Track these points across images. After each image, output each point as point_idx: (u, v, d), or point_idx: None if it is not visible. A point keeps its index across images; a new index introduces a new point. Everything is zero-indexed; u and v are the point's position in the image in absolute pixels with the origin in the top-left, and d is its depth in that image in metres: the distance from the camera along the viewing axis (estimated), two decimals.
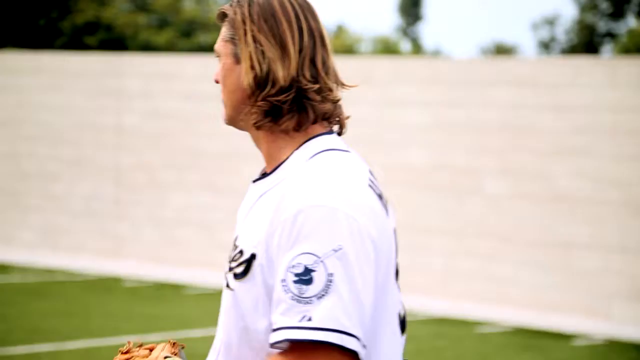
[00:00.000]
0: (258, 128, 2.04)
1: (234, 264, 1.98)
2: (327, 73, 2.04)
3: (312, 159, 2.00)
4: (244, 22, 2.04)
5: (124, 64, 13.88)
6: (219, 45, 2.09)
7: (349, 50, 33.58)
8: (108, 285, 11.69)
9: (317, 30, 2.04)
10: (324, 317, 1.86)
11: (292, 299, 1.87)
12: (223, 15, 2.09)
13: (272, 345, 1.90)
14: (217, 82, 2.10)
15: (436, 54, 39.15)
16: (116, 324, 9.47)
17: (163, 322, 9.58)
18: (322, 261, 1.87)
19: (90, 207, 13.72)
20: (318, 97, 2.02)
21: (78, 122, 13.94)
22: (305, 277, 1.87)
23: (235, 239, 2.02)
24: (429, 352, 8.89)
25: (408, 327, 9.81)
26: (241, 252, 1.97)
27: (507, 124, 11.28)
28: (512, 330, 9.98)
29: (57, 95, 14.17)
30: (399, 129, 11.84)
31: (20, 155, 14.31)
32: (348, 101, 10.51)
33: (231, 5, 2.08)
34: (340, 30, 37.13)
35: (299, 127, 2.03)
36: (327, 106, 2.04)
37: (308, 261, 1.87)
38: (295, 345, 1.87)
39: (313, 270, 1.87)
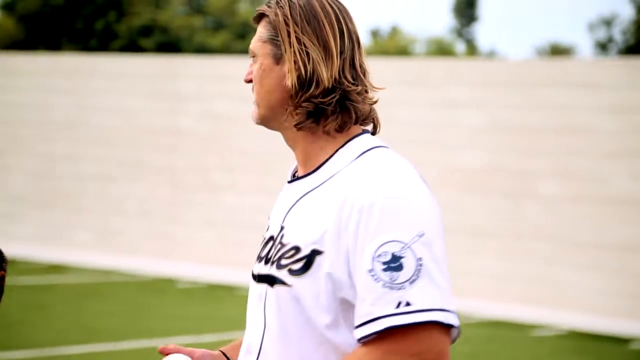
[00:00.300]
0: (299, 129, 2.07)
1: (287, 261, 2.01)
2: (364, 75, 2.09)
3: (363, 155, 2.05)
4: (286, 24, 2.06)
5: (179, 66, 13.96)
6: (255, 46, 2.10)
7: (403, 51, 33.49)
8: (162, 286, 11.76)
9: (355, 33, 2.08)
10: (423, 299, 1.91)
11: (384, 287, 1.91)
12: (260, 17, 2.12)
13: (365, 336, 1.94)
14: (249, 81, 2.11)
15: (491, 55, 38.91)
16: (170, 324, 9.52)
17: (216, 323, 9.62)
18: (409, 247, 1.94)
19: (145, 209, 13.81)
20: (359, 99, 2.08)
21: (134, 124, 14.05)
22: (394, 264, 1.92)
23: (280, 237, 2.05)
24: (483, 355, 8.83)
25: (463, 331, 9.76)
26: (296, 248, 2.00)
27: (563, 126, 11.17)
28: (567, 334, 9.87)
29: (114, 97, 14.29)
30: (453, 131, 11.77)
31: (77, 157, 14.45)
32: (402, 102, 10.48)
33: (269, 7, 2.10)
34: (394, 32, 37.05)
35: (341, 128, 2.07)
36: (366, 107, 2.09)
37: (395, 248, 1.93)
38: (394, 332, 1.91)
39: (402, 257, 1.92)
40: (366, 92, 2.10)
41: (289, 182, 2.12)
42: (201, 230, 13.33)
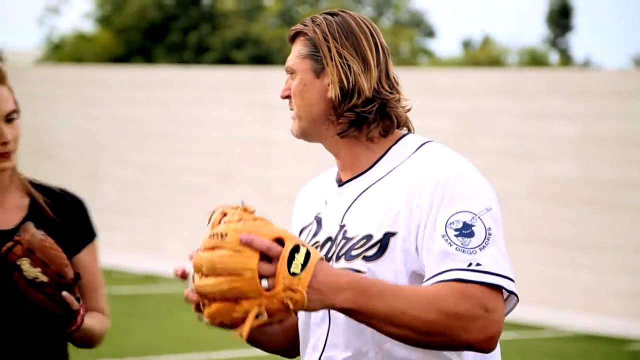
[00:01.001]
0: (343, 137, 2.21)
1: (358, 251, 2.14)
2: (397, 84, 2.23)
3: (421, 148, 2.21)
4: (326, 39, 2.20)
5: (270, 77, 14.03)
6: (294, 62, 2.25)
7: (495, 61, 33.21)
8: None
9: (385, 47, 2.23)
10: (492, 264, 2.06)
11: (457, 250, 2.06)
12: (295, 35, 2.26)
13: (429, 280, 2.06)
14: (286, 97, 2.28)
15: (586, 65, 38.33)
16: None
17: None
18: (479, 217, 2.09)
19: None
20: (397, 106, 2.22)
21: (226, 135, 14.15)
22: (465, 231, 2.07)
23: (342, 234, 2.17)
24: None
25: (558, 344, 9.58)
26: (368, 237, 2.14)
27: None
28: None
29: (206, 108, 14.42)
30: (546, 141, 11.61)
31: (170, 168, 14.61)
32: (494, 112, 10.32)
33: (306, 25, 2.24)
34: (486, 42, 36.77)
35: (385, 133, 2.22)
36: (403, 113, 2.23)
37: (466, 218, 2.08)
38: (464, 284, 2.04)
39: (472, 226, 2.08)
40: (399, 100, 2.23)
41: (339, 185, 2.25)
42: None
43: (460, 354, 2.14)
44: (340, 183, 2.25)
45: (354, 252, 2.15)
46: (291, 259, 1.97)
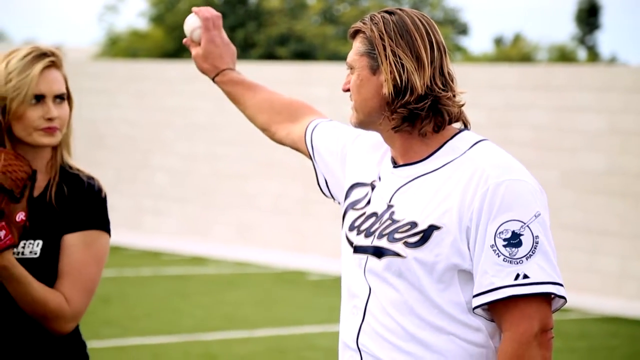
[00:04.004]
0: (396, 132, 2.20)
1: (401, 235, 2.15)
2: (452, 81, 2.21)
3: (476, 146, 2.20)
4: (382, 38, 2.19)
5: (313, 72, 14.01)
6: (352, 59, 2.24)
7: (526, 58, 32.96)
8: (294, 278, 11.80)
9: (442, 44, 2.21)
10: (539, 273, 2.08)
11: (505, 261, 2.07)
12: (355, 33, 2.25)
13: (484, 303, 2.11)
14: (346, 90, 2.27)
15: (612, 61, 37.94)
16: (301, 314, 9.54)
17: None
18: (527, 226, 2.08)
19: (278, 205, 13.90)
20: (450, 103, 2.19)
21: None
22: (514, 240, 2.07)
23: (389, 214, 2.19)
24: (602, 351, 8.59)
25: (584, 326, 9.50)
26: (412, 224, 2.14)
27: None
28: None
29: None
30: (575, 135, 11.50)
31: (217, 157, 14.65)
32: (524, 106, 10.28)
33: (364, 23, 2.23)
34: (517, 39, 36.48)
35: (438, 129, 2.20)
36: (456, 109, 2.21)
37: (515, 227, 2.08)
38: (513, 300, 2.07)
39: (521, 235, 2.08)
40: (454, 96, 2.21)
41: (394, 167, 2.24)
42: (330, 225, 13.34)
43: (494, 338, 2.17)
44: (396, 165, 2.24)
45: (397, 235, 2.16)
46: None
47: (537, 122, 11.67)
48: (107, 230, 2.66)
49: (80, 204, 2.62)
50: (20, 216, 2.50)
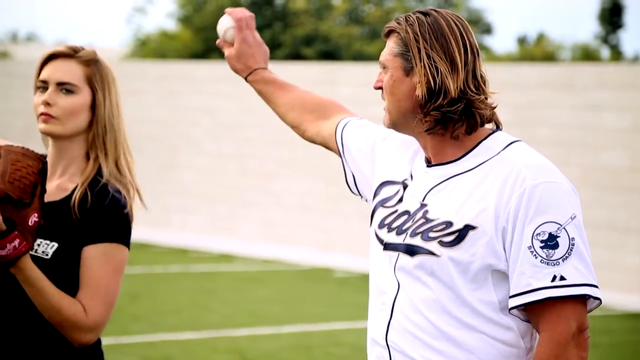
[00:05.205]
0: (429, 134, 2.18)
1: (436, 234, 2.12)
2: (484, 83, 2.19)
3: (509, 147, 2.17)
4: (417, 40, 2.16)
5: (338, 72, 14.00)
6: (386, 59, 2.21)
7: (549, 57, 32.78)
8: (320, 275, 11.80)
9: (475, 46, 2.18)
10: (575, 275, 2.06)
11: (542, 262, 2.06)
12: (389, 32, 2.22)
13: (521, 304, 2.09)
14: (378, 88, 2.24)
15: (635, 60, 37.65)
16: (327, 310, 9.53)
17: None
18: (564, 228, 2.08)
19: (304, 203, 13.90)
20: (482, 106, 2.17)
21: None
22: (550, 242, 2.06)
23: (423, 213, 2.16)
24: (624, 346, 8.54)
25: (606, 322, 9.44)
26: (448, 223, 2.12)
27: None
28: None
29: None
30: (598, 132, 11.43)
31: (243, 155, 14.67)
32: (548, 105, 10.21)
33: (399, 24, 2.20)
34: (541, 38, 36.30)
35: (470, 131, 2.18)
36: (488, 112, 2.19)
37: (552, 229, 2.07)
38: (550, 302, 2.07)
39: (557, 237, 2.07)
40: (486, 98, 2.18)
41: (428, 166, 2.22)
42: (355, 223, 13.34)
43: (529, 339, 2.16)
44: (429, 164, 2.22)
45: (431, 234, 2.14)
46: None
47: (559, 121, 11.61)
48: (127, 244, 2.58)
49: (102, 216, 2.53)
50: (33, 219, 2.42)
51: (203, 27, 26.86)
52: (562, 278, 2.06)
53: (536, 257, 2.06)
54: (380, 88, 2.23)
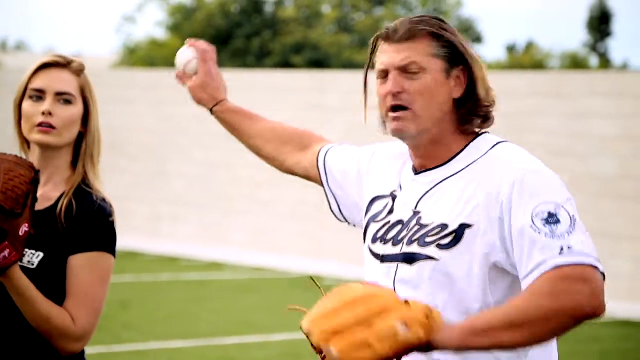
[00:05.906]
0: (462, 133, 2.19)
1: (433, 238, 2.10)
2: (490, 88, 2.25)
3: (497, 146, 2.18)
4: (462, 45, 2.17)
5: (327, 80, 14.01)
6: (423, 60, 2.14)
7: (538, 65, 32.88)
8: (310, 284, 11.78)
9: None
10: (582, 245, 2.01)
11: (547, 237, 2.00)
12: (411, 35, 2.15)
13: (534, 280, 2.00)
14: (398, 93, 2.18)
15: (624, 68, 37.81)
16: None
17: None
18: (562, 206, 2.04)
19: (295, 212, 13.90)
20: (492, 110, 2.22)
21: None
22: (551, 219, 2.02)
23: (416, 220, 2.13)
24: (613, 354, 8.55)
25: (596, 330, 9.45)
26: (443, 226, 2.09)
27: None
28: None
29: (267, 109, 14.43)
30: (587, 140, 11.47)
31: (233, 164, 14.67)
32: (539, 113, 10.25)
33: (431, 25, 2.15)
34: (530, 47, 36.41)
35: (477, 132, 2.21)
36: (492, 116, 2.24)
37: (550, 208, 2.03)
38: (561, 268, 1.98)
39: (557, 214, 2.03)
40: (493, 103, 2.24)
41: (416, 174, 2.20)
42: (346, 231, 13.35)
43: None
44: (417, 171, 2.21)
45: (428, 239, 2.11)
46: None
47: (549, 129, 11.65)
48: (112, 252, 2.57)
49: (88, 225, 2.52)
50: (24, 229, 2.40)
51: (192, 36, 26.82)
52: (569, 247, 2.00)
53: (540, 233, 2.01)
54: (400, 92, 2.18)
